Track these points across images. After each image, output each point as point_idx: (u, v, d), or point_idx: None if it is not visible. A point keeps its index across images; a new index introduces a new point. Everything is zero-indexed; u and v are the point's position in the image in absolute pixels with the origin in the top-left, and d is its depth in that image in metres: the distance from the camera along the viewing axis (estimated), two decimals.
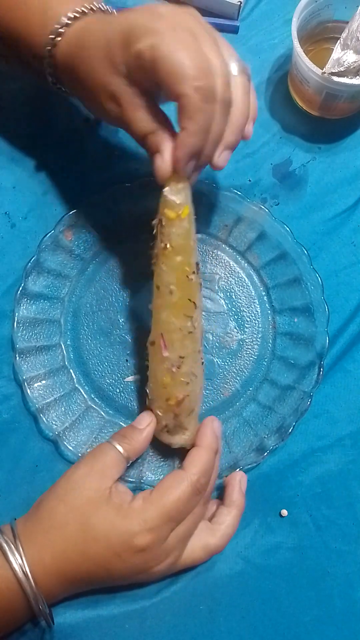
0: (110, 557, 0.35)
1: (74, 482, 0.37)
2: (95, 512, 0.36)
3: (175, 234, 0.37)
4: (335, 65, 0.44)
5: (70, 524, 0.36)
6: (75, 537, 0.35)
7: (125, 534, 0.35)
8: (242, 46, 0.53)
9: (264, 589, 0.41)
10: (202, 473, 0.37)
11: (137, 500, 0.37)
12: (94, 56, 0.33)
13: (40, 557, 0.35)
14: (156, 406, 0.41)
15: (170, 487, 0.36)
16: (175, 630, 0.40)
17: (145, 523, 0.35)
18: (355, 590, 0.42)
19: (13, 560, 0.34)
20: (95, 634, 0.40)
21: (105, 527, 0.35)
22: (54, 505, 0.37)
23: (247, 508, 0.42)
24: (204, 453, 0.39)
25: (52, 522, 0.36)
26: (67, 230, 0.47)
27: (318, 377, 0.44)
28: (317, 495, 0.43)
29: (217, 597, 0.41)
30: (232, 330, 0.47)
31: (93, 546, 0.35)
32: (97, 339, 0.46)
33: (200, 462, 0.38)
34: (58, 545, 0.35)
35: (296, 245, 0.46)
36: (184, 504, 0.36)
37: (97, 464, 0.38)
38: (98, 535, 0.35)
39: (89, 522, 0.36)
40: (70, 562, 0.35)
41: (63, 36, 0.36)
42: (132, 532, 0.35)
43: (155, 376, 0.40)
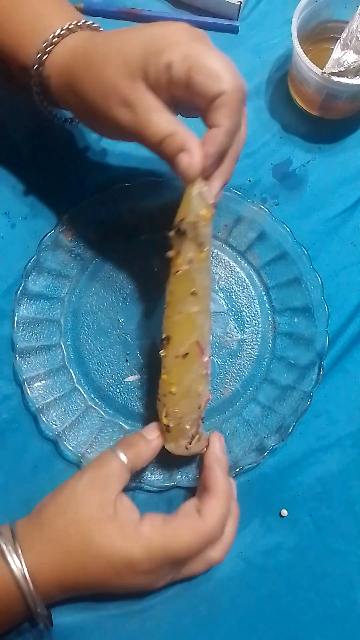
0: (110, 574, 0.35)
1: (76, 493, 0.36)
2: (97, 530, 0.35)
3: (210, 234, 0.37)
4: (335, 65, 0.44)
5: (72, 538, 0.35)
6: (76, 552, 0.35)
7: (126, 558, 0.35)
8: (242, 46, 0.53)
9: (264, 589, 0.41)
10: (218, 525, 0.36)
11: (144, 526, 0.35)
12: (104, 66, 0.34)
13: (39, 564, 0.35)
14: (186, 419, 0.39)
15: (183, 533, 0.35)
16: (175, 631, 0.40)
17: (148, 554, 0.35)
18: (355, 590, 0.42)
19: (12, 562, 0.34)
20: (95, 634, 0.40)
21: (107, 547, 0.35)
22: (55, 516, 0.36)
23: (247, 508, 0.42)
24: (222, 501, 0.37)
25: (52, 533, 0.35)
26: (67, 230, 0.47)
27: (318, 377, 0.44)
28: (317, 495, 0.43)
29: (217, 597, 0.41)
30: (232, 330, 0.47)
31: (93, 563, 0.35)
32: (97, 339, 0.46)
33: (219, 512, 0.36)
34: (57, 557, 0.35)
35: (296, 245, 0.46)
36: (192, 553, 0.36)
37: (100, 474, 0.37)
38: (99, 553, 0.35)
39: (90, 539, 0.35)
40: (69, 573, 0.35)
41: (56, 49, 0.36)
42: (134, 558, 0.34)
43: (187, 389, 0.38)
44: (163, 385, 0.39)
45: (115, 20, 0.54)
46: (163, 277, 0.47)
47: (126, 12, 0.54)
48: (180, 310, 0.37)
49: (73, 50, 0.36)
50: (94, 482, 0.37)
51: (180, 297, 0.37)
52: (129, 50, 0.33)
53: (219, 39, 0.54)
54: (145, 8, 0.54)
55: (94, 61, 0.35)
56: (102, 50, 0.35)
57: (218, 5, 0.53)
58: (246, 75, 0.52)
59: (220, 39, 0.54)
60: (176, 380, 0.39)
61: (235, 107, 0.34)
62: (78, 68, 0.36)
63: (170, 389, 0.39)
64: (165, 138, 0.34)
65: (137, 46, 0.33)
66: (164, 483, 0.42)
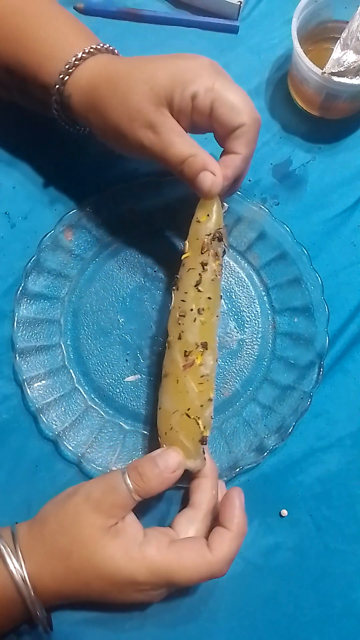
0: (112, 590, 0.35)
1: (80, 514, 0.36)
2: (100, 549, 0.35)
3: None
4: (335, 65, 0.44)
5: (74, 557, 0.35)
6: (78, 570, 0.35)
7: (129, 578, 0.34)
8: (242, 46, 0.53)
9: (264, 589, 0.41)
10: (226, 562, 0.35)
11: (149, 548, 0.35)
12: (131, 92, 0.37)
13: (40, 574, 0.35)
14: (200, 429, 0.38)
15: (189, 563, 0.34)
16: (175, 631, 0.40)
17: (152, 575, 0.34)
18: (355, 590, 0.42)
19: (11, 564, 0.34)
20: (95, 634, 0.40)
21: (110, 568, 0.34)
22: (57, 534, 0.35)
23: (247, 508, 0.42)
24: (235, 541, 0.36)
25: (55, 550, 0.35)
26: (67, 230, 0.47)
27: (318, 377, 0.44)
28: (317, 495, 0.43)
29: (217, 598, 0.41)
30: (232, 330, 0.47)
31: (96, 581, 0.35)
32: (97, 339, 0.46)
33: (230, 550, 0.35)
34: (59, 572, 0.35)
35: (296, 245, 0.46)
36: (196, 582, 0.36)
37: (106, 501, 0.35)
38: (102, 573, 0.35)
39: (93, 559, 0.35)
40: (70, 587, 0.35)
41: (78, 70, 0.39)
42: (137, 580, 0.34)
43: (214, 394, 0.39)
44: (201, 395, 0.38)
45: (116, 20, 0.54)
46: (163, 277, 0.48)
47: (126, 12, 0.54)
48: (217, 314, 0.40)
49: (95, 72, 0.39)
50: (99, 508, 0.35)
51: (217, 302, 0.40)
52: (156, 80, 0.37)
53: (219, 39, 0.54)
54: (145, 8, 0.54)
55: (119, 86, 0.38)
56: (129, 77, 0.38)
57: (218, 5, 0.53)
58: (246, 75, 0.53)
59: (220, 39, 0.54)
60: (214, 387, 0.39)
61: (252, 138, 0.38)
62: (103, 90, 0.38)
63: (210, 395, 0.39)
64: (187, 158, 0.37)
65: (164, 77, 0.37)
66: None
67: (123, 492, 0.35)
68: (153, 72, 0.37)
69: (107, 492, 0.36)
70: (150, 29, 0.54)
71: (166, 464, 0.36)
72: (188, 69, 0.37)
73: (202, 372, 0.38)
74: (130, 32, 0.54)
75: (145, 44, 0.53)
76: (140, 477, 0.36)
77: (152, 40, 0.54)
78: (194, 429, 0.38)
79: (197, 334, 0.38)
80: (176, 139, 0.37)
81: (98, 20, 0.54)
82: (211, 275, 0.39)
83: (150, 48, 0.53)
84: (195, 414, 0.38)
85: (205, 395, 0.39)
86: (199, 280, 0.39)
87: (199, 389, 0.38)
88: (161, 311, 0.47)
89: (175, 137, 0.37)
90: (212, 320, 0.39)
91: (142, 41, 0.54)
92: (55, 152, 0.50)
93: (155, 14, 0.54)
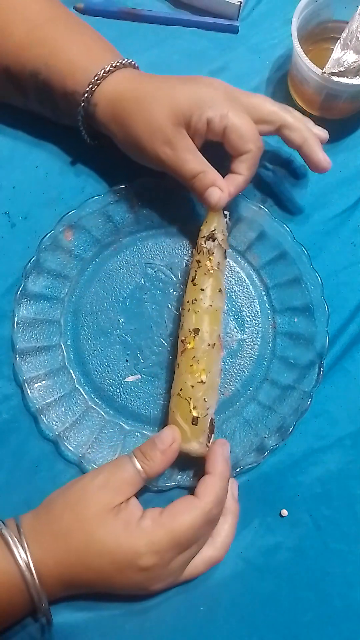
0: (113, 571, 0.35)
1: (87, 492, 0.37)
2: (102, 526, 0.36)
3: None
4: (335, 65, 0.44)
5: (76, 535, 0.36)
6: (79, 549, 0.35)
7: (130, 553, 0.35)
8: (242, 46, 0.54)
9: (264, 589, 0.41)
10: (215, 503, 0.37)
11: (145, 520, 0.36)
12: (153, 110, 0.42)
13: (43, 559, 0.35)
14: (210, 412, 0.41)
15: (182, 513, 0.36)
16: (175, 631, 0.40)
17: (152, 545, 0.35)
18: (354, 590, 0.42)
19: (17, 554, 0.34)
20: (95, 634, 0.40)
21: (110, 543, 0.35)
22: (63, 512, 0.36)
23: (247, 508, 0.42)
24: (218, 482, 0.38)
25: (58, 529, 0.36)
26: (67, 230, 0.47)
27: (318, 377, 0.44)
28: (317, 495, 0.43)
29: (217, 598, 0.41)
30: (232, 330, 0.47)
31: (96, 560, 0.35)
32: (97, 339, 0.46)
33: (214, 491, 0.37)
34: (62, 553, 0.35)
35: (296, 245, 0.46)
36: (194, 533, 0.36)
37: (114, 479, 0.37)
38: (103, 550, 0.35)
39: (94, 536, 0.35)
40: (72, 569, 0.35)
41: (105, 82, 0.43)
42: (137, 552, 0.35)
43: (213, 380, 0.41)
44: (191, 376, 0.41)
45: (116, 20, 0.54)
46: (163, 277, 0.48)
47: (126, 12, 0.54)
48: (210, 304, 0.42)
49: (121, 86, 0.43)
50: (106, 485, 0.37)
51: (211, 294, 0.42)
52: (177, 102, 0.41)
53: (219, 39, 0.54)
54: (145, 8, 0.54)
55: (143, 104, 0.42)
56: (152, 96, 0.42)
57: (218, 5, 0.53)
58: (246, 75, 0.53)
59: (220, 39, 0.54)
60: (206, 369, 0.41)
61: (255, 163, 0.43)
62: (127, 104, 0.43)
63: (201, 377, 0.40)
64: (198, 174, 0.42)
65: (184, 100, 0.41)
66: (164, 483, 0.42)
67: (130, 469, 0.38)
68: (174, 94, 0.42)
69: (115, 470, 0.38)
70: (150, 29, 0.54)
71: (162, 440, 0.39)
72: (206, 96, 0.42)
73: (192, 355, 0.41)
74: (130, 32, 0.54)
75: (145, 44, 0.53)
76: (144, 456, 0.38)
77: (152, 40, 0.54)
78: (186, 409, 0.40)
79: (191, 322, 0.42)
80: (190, 156, 0.42)
81: (98, 20, 0.54)
82: (204, 270, 0.43)
83: (150, 48, 0.53)
84: (187, 394, 0.40)
85: (196, 377, 0.40)
86: (194, 276, 0.43)
87: (189, 370, 0.41)
88: (161, 311, 0.47)
89: (189, 155, 0.42)
90: (204, 309, 0.42)
91: (142, 41, 0.54)
92: (56, 152, 0.50)
93: (155, 14, 0.54)
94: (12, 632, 0.39)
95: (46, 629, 0.39)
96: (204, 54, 0.53)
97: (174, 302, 0.47)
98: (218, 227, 0.44)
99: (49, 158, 0.50)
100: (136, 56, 0.52)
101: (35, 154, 0.50)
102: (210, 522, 0.37)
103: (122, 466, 0.38)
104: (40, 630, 0.39)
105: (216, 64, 0.53)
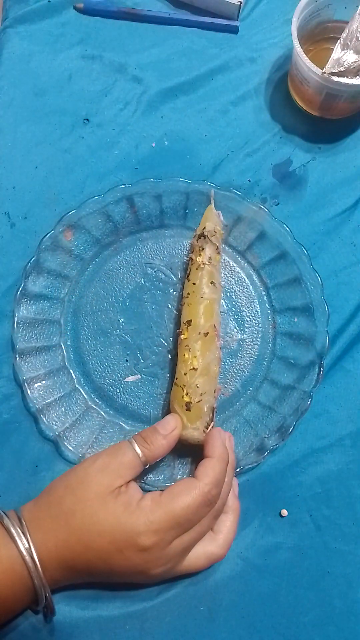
0: (113, 551, 0.36)
1: (88, 475, 0.37)
2: (102, 507, 0.36)
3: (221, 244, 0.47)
4: (335, 65, 0.44)
5: (77, 515, 0.36)
6: (80, 529, 0.36)
7: (130, 532, 0.35)
8: (242, 46, 0.54)
9: (264, 589, 0.41)
10: (214, 484, 0.37)
11: (145, 500, 0.37)
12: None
13: (44, 542, 0.35)
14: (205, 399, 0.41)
15: (181, 493, 0.36)
16: (175, 631, 0.40)
17: (151, 524, 0.35)
18: (355, 590, 0.42)
19: (20, 542, 0.35)
20: (95, 635, 0.40)
21: (110, 522, 0.36)
22: (64, 494, 0.37)
23: (247, 508, 0.42)
24: (217, 464, 0.38)
25: (59, 511, 0.36)
26: (67, 230, 0.47)
27: (318, 377, 0.44)
28: (317, 495, 0.43)
29: (217, 598, 0.41)
30: (232, 330, 0.47)
31: (97, 539, 0.36)
32: (97, 339, 0.46)
33: (213, 472, 0.38)
34: (62, 534, 0.36)
35: (296, 245, 0.46)
36: (193, 513, 0.36)
37: (114, 462, 0.38)
38: (103, 529, 0.36)
39: (95, 516, 0.36)
40: (72, 550, 0.36)
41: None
42: (137, 530, 0.35)
43: (207, 367, 0.41)
44: (184, 364, 0.42)
45: (116, 20, 0.54)
46: (163, 277, 0.48)
47: (126, 12, 0.54)
48: (202, 296, 0.43)
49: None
50: (106, 468, 0.37)
51: (203, 286, 0.43)
52: None
53: (219, 39, 0.54)
54: (145, 8, 0.54)
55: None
56: None
57: (218, 5, 0.53)
58: (246, 75, 0.53)
59: (220, 39, 0.54)
60: (198, 355, 0.41)
61: None
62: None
63: (193, 364, 0.41)
64: None
65: None
66: (164, 483, 0.42)
67: (130, 453, 0.38)
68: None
69: (115, 454, 0.38)
70: (150, 29, 0.54)
71: (164, 426, 0.40)
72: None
73: (185, 344, 0.42)
74: (130, 32, 0.54)
75: (145, 44, 0.54)
76: (145, 440, 0.39)
77: (152, 40, 0.54)
78: (180, 395, 0.41)
79: (185, 314, 0.43)
80: None
81: (98, 20, 0.54)
82: (196, 265, 0.44)
83: (150, 48, 0.53)
84: (181, 382, 0.41)
85: (189, 365, 0.41)
86: (188, 272, 0.45)
87: (182, 359, 0.42)
88: (161, 311, 0.47)
89: None
90: (196, 300, 0.43)
91: (142, 41, 0.54)
92: (55, 152, 0.50)
93: (155, 14, 0.54)
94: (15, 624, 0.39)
95: (49, 619, 0.39)
96: (204, 53, 0.53)
97: (174, 302, 0.47)
98: (209, 225, 0.45)
99: (49, 158, 0.50)
100: (136, 56, 0.52)
101: (35, 154, 0.50)
102: (209, 503, 0.37)
103: (122, 450, 0.38)
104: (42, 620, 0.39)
105: (216, 64, 0.53)
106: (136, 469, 0.38)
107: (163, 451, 0.39)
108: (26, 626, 0.39)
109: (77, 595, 0.40)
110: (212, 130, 0.51)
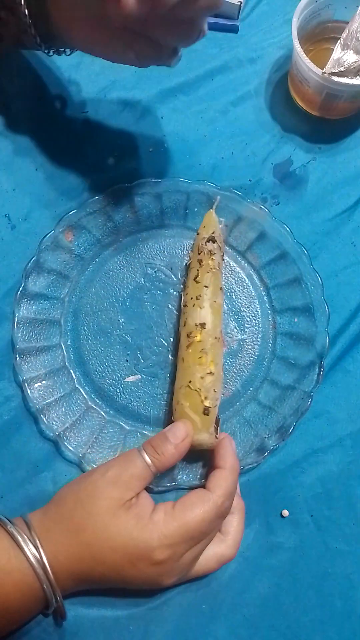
0: (126, 565, 0.35)
1: (97, 488, 0.37)
2: (114, 521, 0.35)
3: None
4: (336, 65, 0.44)
5: (88, 530, 0.35)
6: (92, 544, 0.35)
7: (143, 547, 0.35)
8: (242, 46, 0.54)
9: (265, 588, 0.41)
10: (226, 496, 0.37)
11: (158, 513, 0.36)
12: None
13: (55, 554, 0.35)
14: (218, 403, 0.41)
15: (194, 506, 0.36)
16: (177, 632, 0.40)
17: (165, 539, 0.35)
18: (355, 590, 0.42)
19: (28, 551, 0.34)
20: (99, 635, 0.40)
21: (123, 537, 0.35)
22: (74, 508, 0.36)
23: (248, 508, 0.42)
24: (229, 475, 0.38)
25: (70, 524, 0.36)
26: (67, 230, 0.47)
27: (318, 377, 0.44)
28: (318, 495, 0.43)
29: (218, 597, 0.41)
30: (232, 330, 0.47)
31: (109, 554, 0.35)
32: (97, 339, 0.46)
33: (226, 484, 0.38)
34: (73, 548, 0.35)
35: (296, 245, 0.46)
36: (207, 526, 0.36)
37: (124, 474, 0.37)
38: (115, 545, 0.35)
39: (107, 531, 0.35)
40: (84, 564, 0.35)
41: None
42: (151, 546, 0.35)
43: (219, 371, 0.42)
44: (200, 368, 0.41)
45: None
46: (163, 277, 0.48)
47: None
48: (215, 300, 0.43)
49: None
50: (117, 481, 0.37)
51: (213, 290, 0.43)
52: None
53: (219, 38, 0.54)
54: None
55: None
56: None
57: None
58: (246, 76, 0.53)
59: (220, 38, 0.54)
60: (215, 360, 0.41)
61: None
62: None
63: (210, 368, 0.41)
64: None
65: None
66: (165, 483, 0.42)
67: (140, 464, 0.37)
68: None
69: (125, 465, 0.38)
70: None
71: (175, 434, 0.39)
72: None
73: (200, 347, 0.41)
74: None
75: None
76: (155, 450, 0.38)
77: None
78: (197, 400, 0.40)
79: (196, 317, 0.43)
80: None
81: None
82: (206, 268, 0.44)
83: None
84: (197, 385, 0.40)
85: (205, 369, 0.41)
86: (196, 274, 0.44)
87: (198, 362, 0.41)
88: (161, 311, 0.47)
89: None
90: (209, 304, 0.43)
91: None
92: (55, 153, 0.50)
93: None
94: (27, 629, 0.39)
95: (59, 623, 0.39)
96: (204, 53, 0.53)
97: (174, 302, 0.47)
98: (217, 230, 0.45)
99: (49, 160, 0.50)
100: None
101: (35, 156, 0.50)
102: (221, 516, 0.37)
103: (132, 461, 0.38)
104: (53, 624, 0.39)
105: (216, 64, 0.53)
106: (147, 479, 0.38)
107: (174, 461, 0.38)
108: (32, 625, 0.39)
109: (82, 595, 0.39)
110: (212, 131, 0.51)
